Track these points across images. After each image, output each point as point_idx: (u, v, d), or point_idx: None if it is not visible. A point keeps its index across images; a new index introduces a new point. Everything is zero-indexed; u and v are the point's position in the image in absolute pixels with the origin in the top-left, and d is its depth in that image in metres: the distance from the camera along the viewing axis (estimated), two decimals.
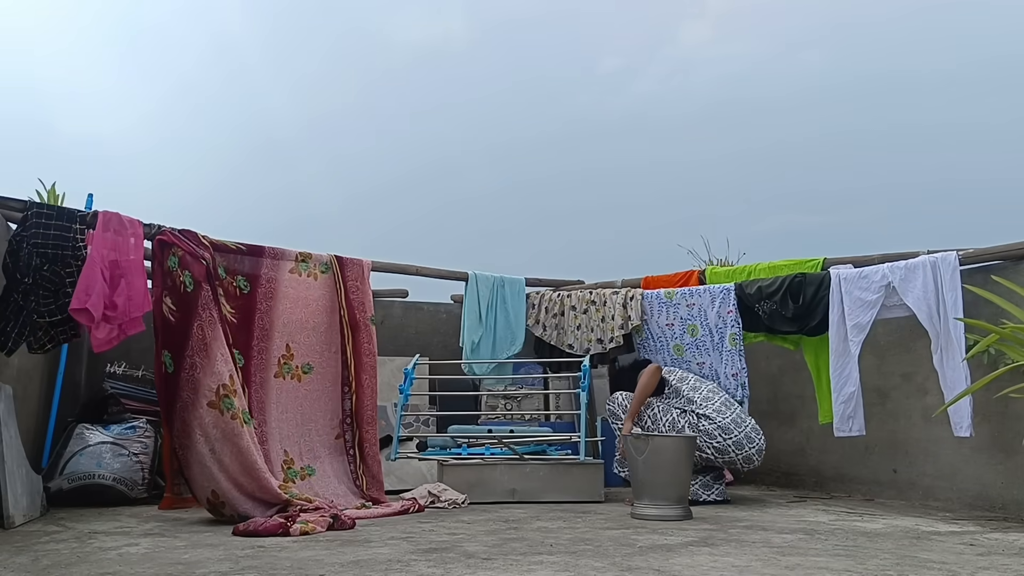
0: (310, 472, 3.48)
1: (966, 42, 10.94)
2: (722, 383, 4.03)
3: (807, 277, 3.88)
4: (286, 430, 3.51)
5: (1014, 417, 3.24)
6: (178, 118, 11.60)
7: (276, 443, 3.43)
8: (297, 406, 3.59)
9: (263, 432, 3.40)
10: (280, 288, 3.63)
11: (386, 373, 4.41)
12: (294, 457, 3.47)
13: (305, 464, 3.50)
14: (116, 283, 3.15)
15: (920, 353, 3.63)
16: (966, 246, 3.44)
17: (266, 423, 3.43)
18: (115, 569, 1.97)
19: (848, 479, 4.05)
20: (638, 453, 3.07)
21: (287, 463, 3.43)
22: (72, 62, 11.06)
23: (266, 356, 3.52)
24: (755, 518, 3.04)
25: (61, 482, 3.30)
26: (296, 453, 3.49)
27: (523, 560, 2.08)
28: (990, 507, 3.34)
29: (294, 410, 3.57)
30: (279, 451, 3.43)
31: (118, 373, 4.00)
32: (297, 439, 3.53)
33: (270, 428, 3.44)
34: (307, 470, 3.48)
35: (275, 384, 3.53)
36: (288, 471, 3.40)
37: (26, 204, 3.11)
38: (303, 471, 3.45)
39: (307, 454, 3.54)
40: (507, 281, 4.78)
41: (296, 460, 3.47)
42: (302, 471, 3.45)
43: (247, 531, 2.57)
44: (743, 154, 11.23)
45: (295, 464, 3.45)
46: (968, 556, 2.21)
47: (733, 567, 2.00)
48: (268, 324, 3.56)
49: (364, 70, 12.71)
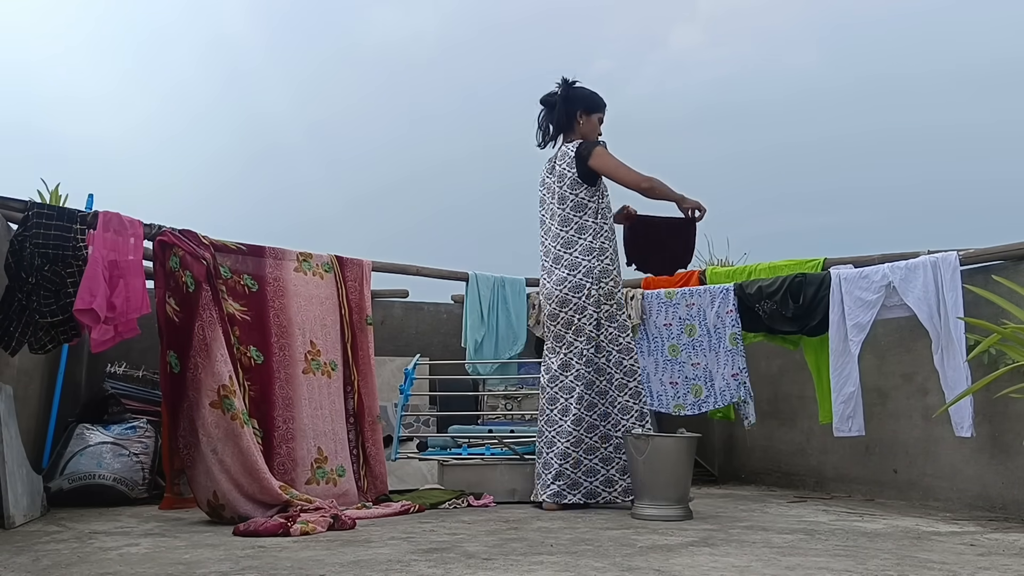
0: (341, 473, 3.46)
1: (965, 42, 10.94)
2: (720, 384, 4.03)
3: (807, 277, 3.88)
4: (321, 427, 3.48)
5: (1014, 417, 3.24)
6: (178, 121, 11.61)
7: (308, 440, 3.40)
8: (330, 403, 3.57)
9: (290, 430, 3.36)
10: (289, 286, 3.62)
11: (386, 373, 4.42)
12: (328, 455, 3.44)
13: (339, 464, 3.48)
14: (115, 284, 3.16)
15: (920, 353, 3.63)
16: (966, 246, 3.44)
17: (294, 420, 3.39)
18: (115, 569, 1.97)
19: (848, 479, 4.05)
20: (638, 453, 3.07)
21: (319, 461, 3.39)
22: (73, 63, 11.07)
23: (289, 352, 3.50)
24: (755, 518, 3.04)
25: (61, 482, 3.30)
26: (331, 450, 3.47)
27: (523, 560, 2.09)
28: (990, 507, 3.34)
29: (328, 406, 3.55)
30: (310, 448, 3.39)
31: (118, 373, 4.00)
32: (332, 436, 3.51)
33: (301, 425, 3.40)
34: (339, 471, 3.46)
35: (304, 380, 3.50)
36: (318, 471, 3.37)
37: (27, 204, 3.11)
38: (334, 472, 3.43)
39: (341, 453, 3.53)
40: (507, 281, 4.79)
41: (331, 458, 3.44)
42: (332, 472, 3.42)
43: (247, 531, 2.57)
44: (742, 155, 11.24)
45: (327, 464, 3.42)
46: (968, 556, 2.20)
47: (733, 567, 2.00)
48: (285, 321, 3.54)
49: (364, 72, 12.73)
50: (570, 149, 3.52)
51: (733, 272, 4.39)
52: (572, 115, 3.59)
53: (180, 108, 11.47)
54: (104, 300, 3.05)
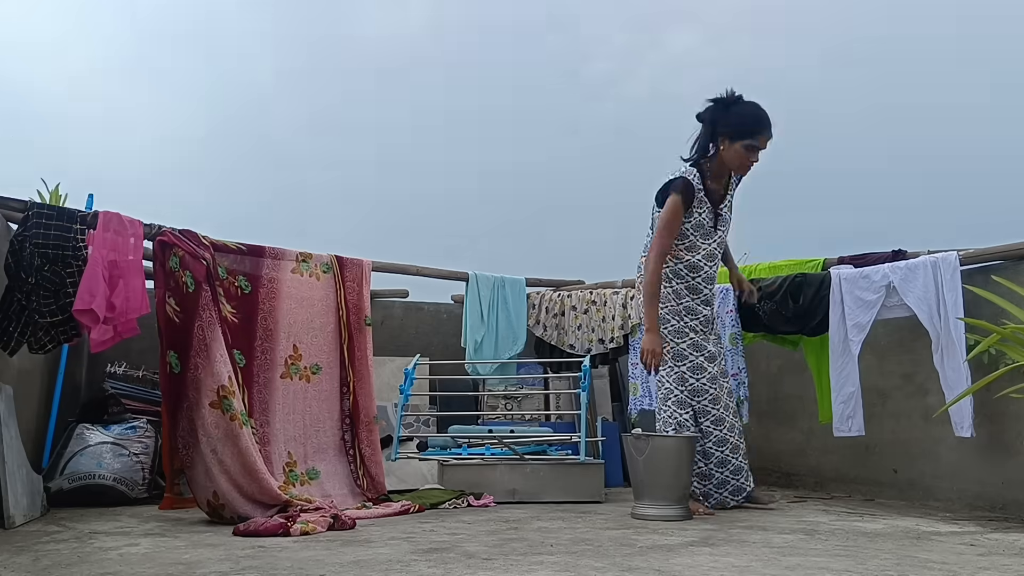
0: (313, 476, 3.47)
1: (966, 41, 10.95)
2: None
3: (807, 277, 3.88)
4: (291, 432, 3.50)
5: (1014, 417, 3.25)
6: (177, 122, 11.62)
7: (280, 445, 3.43)
8: (305, 407, 3.58)
9: (266, 433, 3.39)
10: (283, 288, 3.63)
11: (386, 373, 4.42)
12: (298, 460, 3.46)
13: (309, 467, 3.48)
14: (115, 284, 3.16)
15: (920, 353, 3.63)
16: (966, 246, 3.45)
17: (269, 424, 3.42)
18: (115, 569, 1.97)
19: (848, 479, 4.05)
20: (638, 453, 3.07)
21: (289, 465, 3.42)
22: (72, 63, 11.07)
23: (270, 356, 3.52)
24: (755, 518, 3.04)
25: (61, 482, 3.30)
26: (300, 456, 3.49)
27: (523, 560, 2.09)
28: (990, 507, 3.34)
29: (301, 411, 3.56)
30: (282, 453, 3.42)
31: (118, 373, 4.00)
32: (303, 441, 3.53)
33: (273, 429, 3.43)
34: (310, 474, 3.47)
35: (281, 385, 3.52)
36: (290, 474, 3.39)
37: (26, 204, 3.11)
38: (304, 475, 3.44)
39: (312, 456, 3.53)
40: (507, 281, 4.79)
41: (300, 463, 3.46)
42: (303, 475, 3.44)
43: (247, 531, 2.57)
44: None
45: (297, 467, 3.44)
46: (968, 556, 2.21)
47: (733, 567, 2.00)
48: (272, 324, 3.56)
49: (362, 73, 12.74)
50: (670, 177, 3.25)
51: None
52: (712, 138, 3.22)
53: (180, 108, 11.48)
54: (104, 300, 3.06)
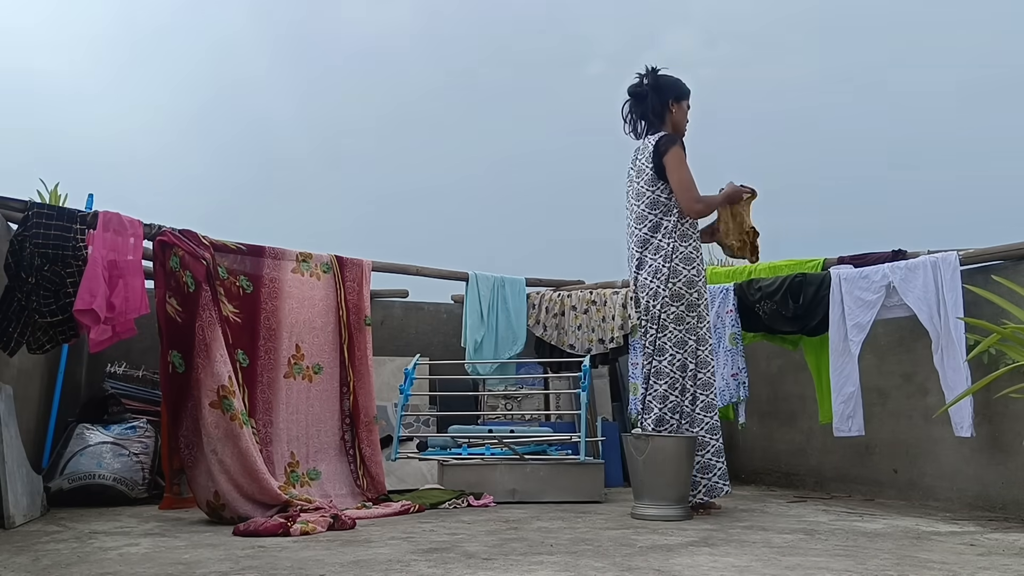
0: (314, 476, 3.47)
1: (965, 42, 10.95)
2: (719, 383, 4.02)
3: (807, 277, 3.88)
4: (294, 431, 3.50)
5: (1014, 417, 3.25)
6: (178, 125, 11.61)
7: (283, 444, 3.42)
8: (307, 407, 3.58)
9: (269, 433, 3.39)
10: (284, 288, 3.63)
11: (386, 373, 4.42)
12: (300, 459, 3.46)
13: (311, 467, 3.48)
14: (114, 284, 3.15)
15: (920, 353, 3.63)
16: (966, 246, 3.45)
17: (272, 424, 3.42)
18: (115, 569, 1.97)
19: (848, 479, 4.05)
20: (638, 453, 3.07)
21: (291, 466, 3.42)
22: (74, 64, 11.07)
23: (274, 356, 3.51)
24: (755, 518, 3.04)
25: (61, 482, 3.30)
26: (303, 455, 3.48)
27: (523, 560, 2.09)
28: (990, 507, 3.34)
29: (304, 411, 3.56)
30: (285, 453, 3.42)
31: (118, 373, 4.00)
32: (305, 440, 3.53)
33: (277, 429, 3.43)
34: (311, 474, 3.46)
35: (284, 385, 3.51)
36: (291, 474, 3.39)
37: (26, 204, 3.11)
38: (305, 476, 3.44)
39: (314, 456, 3.53)
40: (507, 281, 4.79)
41: (302, 463, 3.46)
42: (304, 475, 3.43)
43: (247, 531, 2.57)
44: (741, 155, 11.25)
45: (299, 467, 3.44)
46: (968, 556, 2.21)
47: (733, 567, 2.00)
48: (275, 324, 3.55)
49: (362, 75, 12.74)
50: (651, 142, 3.36)
51: (733, 272, 4.39)
52: (664, 104, 3.42)
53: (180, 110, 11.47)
54: (104, 300, 3.05)
